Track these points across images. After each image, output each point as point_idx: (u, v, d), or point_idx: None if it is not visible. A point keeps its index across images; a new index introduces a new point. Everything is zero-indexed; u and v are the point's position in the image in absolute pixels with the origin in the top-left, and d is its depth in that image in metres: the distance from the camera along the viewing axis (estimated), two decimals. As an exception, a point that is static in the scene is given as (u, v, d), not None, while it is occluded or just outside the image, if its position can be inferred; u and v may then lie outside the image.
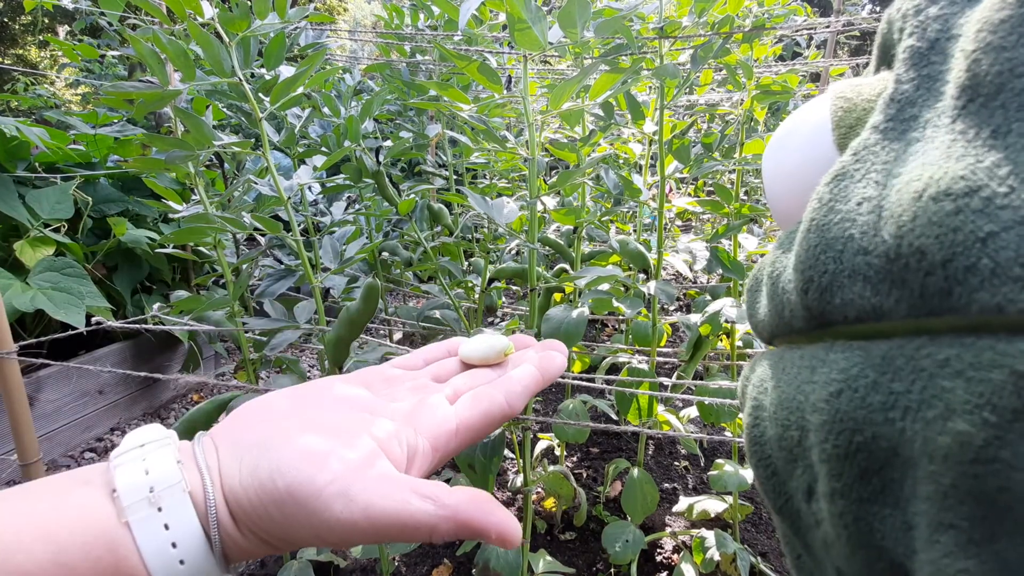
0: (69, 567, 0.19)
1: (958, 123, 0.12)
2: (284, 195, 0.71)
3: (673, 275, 2.42)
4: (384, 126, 1.40)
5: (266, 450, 0.22)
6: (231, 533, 0.22)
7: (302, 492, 0.21)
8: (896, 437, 0.12)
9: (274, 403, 0.26)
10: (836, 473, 0.14)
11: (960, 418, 0.11)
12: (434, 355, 0.33)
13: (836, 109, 0.18)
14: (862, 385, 0.13)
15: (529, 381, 0.29)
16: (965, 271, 0.11)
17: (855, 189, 0.14)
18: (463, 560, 1.12)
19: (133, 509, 0.20)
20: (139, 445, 0.23)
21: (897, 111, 0.15)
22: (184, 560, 0.21)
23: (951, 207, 0.11)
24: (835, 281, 0.14)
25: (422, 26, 1.01)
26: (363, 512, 0.21)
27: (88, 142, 1.66)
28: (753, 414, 0.18)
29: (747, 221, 0.94)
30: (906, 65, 0.15)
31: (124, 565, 0.20)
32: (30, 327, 1.56)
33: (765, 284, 0.18)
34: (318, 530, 0.22)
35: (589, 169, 0.82)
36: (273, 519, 0.22)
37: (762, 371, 0.18)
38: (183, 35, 0.84)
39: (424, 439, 0.26)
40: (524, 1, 0.52)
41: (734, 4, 0.79)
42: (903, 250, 0.12)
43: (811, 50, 1.80)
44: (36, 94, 2.74)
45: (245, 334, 0.90)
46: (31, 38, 7.68)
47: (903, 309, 0.12)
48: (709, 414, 0.94)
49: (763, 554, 1.17)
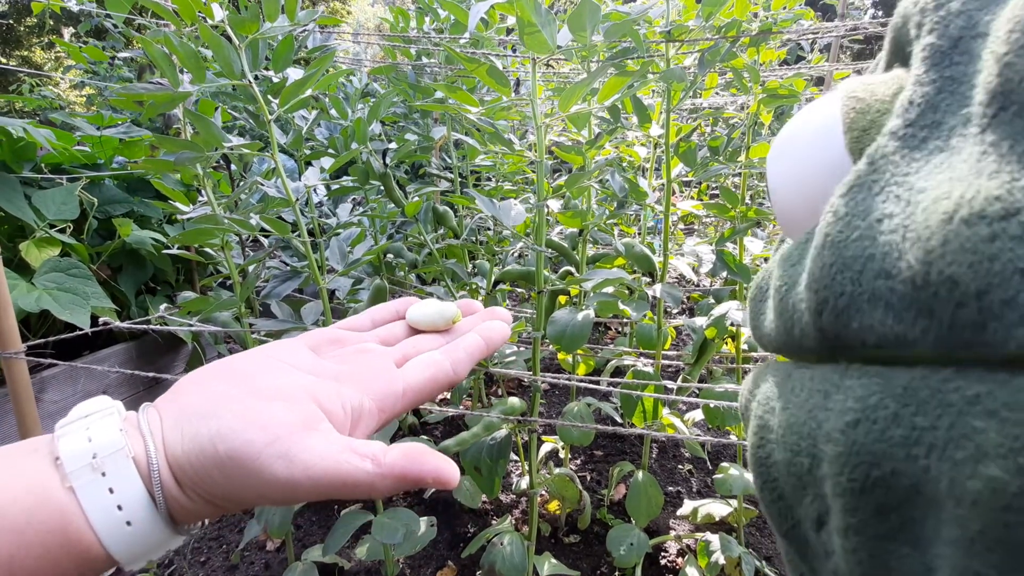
0: (15, 531, 0.20)
1: (988, 133, 0.12)
2: (292, 197, 0.71)
3: (677, 278, 2.42)
4: (389, 128, 1.41)
5: (207, 417, 0.23)
6: (176, 496, 0.23)
7: (242, 455, 0.22)
8: (919, 475, 0.12)
9: (219, 370, 0.26)
10: (851, 508, 0.13)
11: (993, 462, 0.10)
12: (382, 316, 0.34)
13: (848, 110, 0.17)
14: (881, 417, 0.12)
15: (474, 350, 0.30)
16: (1002, 305, 0.10)
17: (875, 204, 0.13)
18: (468, 562, 1.11)
19: (76, 475, 0.21)
20: (84, 416, 0.23)
21: (917, 115, 0.14)
22: (131, 522, 0.22)
23: (986, 232, 0.10)
24: (853, 304, 0.13)
25: (428, 29, 1.01)
26: (304, 472, 0.22)
27: (94, 143, 1.67)
28: (759, 434, 0.17)
29: (752, 224, 0.94)
30: (926, 65, 0.14)
31: (71, 529, 0.21)
32: (35, 327, 1.56)
33: (772, 297, 0.17)
34: (260, 490, 0.23)
35: (596, 172, 0.82)
36: (216, 482, 0.23)
37: (768, 388, 0.17)
38: (192, 37, 0.85)
39: (371, 400, 0.27)
40: (534, 5, 0.52)
41: (740, 8, 0.79)
42: (932, 278, 0.11)
43: (815, 54, 1.80)
44: (41, 95, 2.75)
45: (252, 335, 0.90)
46: (36, 40, 7.72)
47: (930, 341, 0.12)
48: (714, 417, 0.94)
49: (768, 558, 1.17)
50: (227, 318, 0.88)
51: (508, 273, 0.88)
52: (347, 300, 0.97)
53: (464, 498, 1.13)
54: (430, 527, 0.91)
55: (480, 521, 1.26)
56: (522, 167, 1.03)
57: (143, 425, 0.23)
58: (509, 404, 0.76)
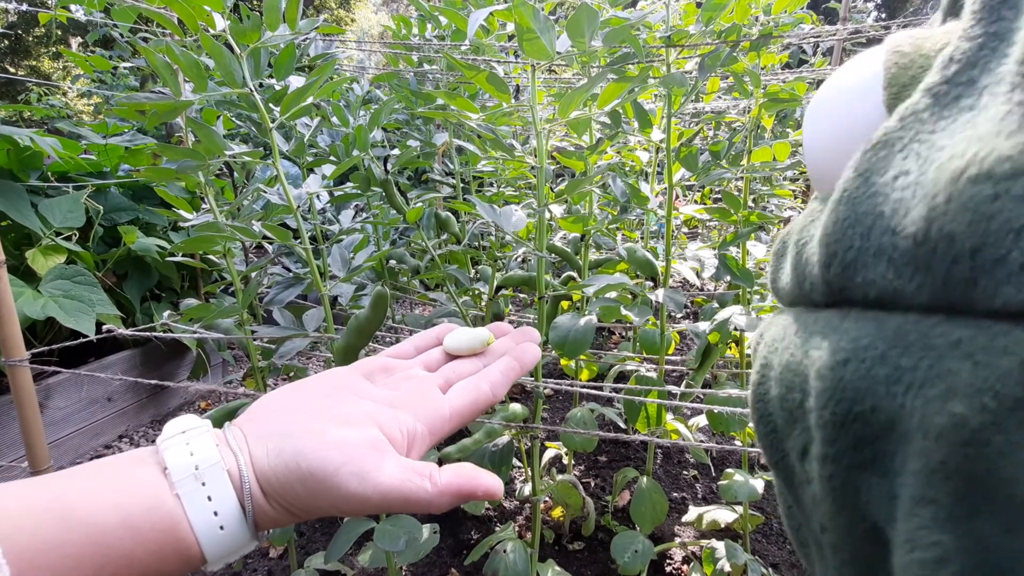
0: (135, 528, 0.23)
1: (1017, 92, 0.11)
2: (294, 204, 0.72)
3: (680, 282, 2.41)
4: (391, 135, 1.41)
5: (288, 437, 0.27)
6: (262, 505, 0.26)
7: (321, 472, 0.26)
8: (895, 411, 0.12)
9: (289, 396, 0.30)
10: (830, 439, 0.14)
11: (960, 400, 0.11)
12: (425, 343, 0.37)
13: (890, 65, 0.16)
14: (870, 356, 0.13)
15: (510, 371, 0.34)
16: (994, 263, 0.11)
17: (895, 161, 0.13)
18: (471, 569, 1.11)
19: (182, 484, 0.25)
20: (181, 431, 0.27)
21: (955, 72, 0.13)
22: (224, 527, 0.25)
23: (990, 191, 0.11)
24: (859, 259, 0.14)
25: (429, 36, 1.02)
26: (374, 489, 0.26)
27: (99, 152, 1.68)
28: (760, 372, 0.18)
29: (755, 228, 0.93)
30: (974, 19, 0.13)
31: (177, 529, 0.24)
32: (40, 334, 1.57)
33: (790, 251, 0.18)
34: (336, 502, 0.26)
35: (597, 177, 0.82)
36: (297, 493, 0.26)
37: (776, 331, 0.18)
38: (194, 47, 0.85)
39: (422, 424, 0.30)
40: (533, 11, 0.53)
41: (741, 12, 0.79)
42: (932, 234, 0.12)
43: (817, 57, 1.80)
44: (49, 104, 2.78)
45: (254, 342, 0.90)
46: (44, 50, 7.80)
47: (924, 296, 0.12)
48: (719, 423, 0.93)
49: (774, 565, 1.15)
50: (230, 325, 0.88)
51: (510, 279, 0.88)
52: (349, 306, 0.97)
53: (467, 505, 1.13)
54: (433, 534, 0.91)
55: (483, 528, 1.26)
56: (524, 172, 1.03)
57: (232, 442, 0.27)
58: (511, 410, 0.76)
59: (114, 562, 0.23)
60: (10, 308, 0.79)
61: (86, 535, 0.22)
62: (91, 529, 0.22)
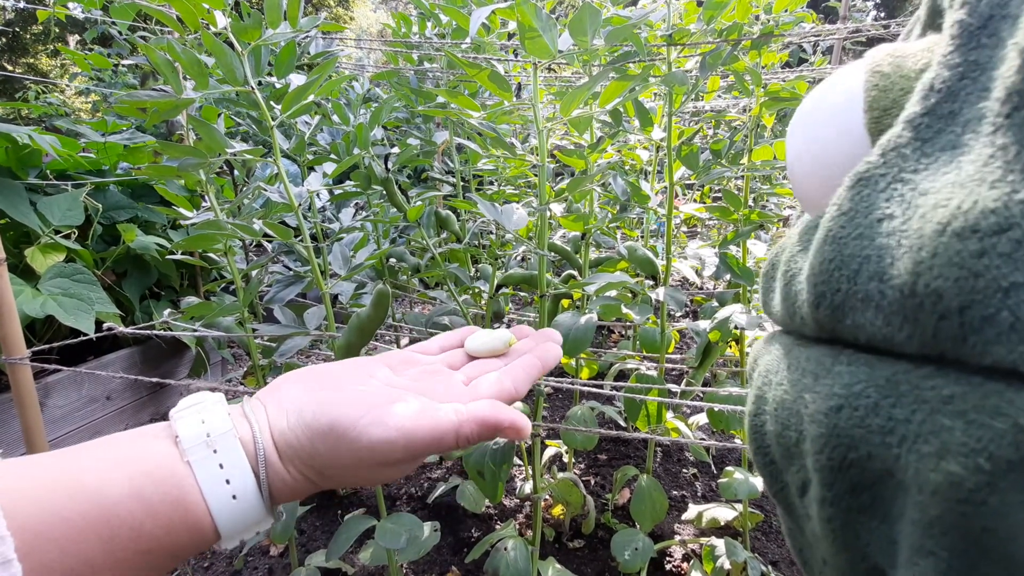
0: (145, 499, 0.23)
1: (999, 135, 0.11)
2: (295, 202, 0.72)
3: (680, 281, 2.41)
4: (391, 133, 1.41)
5: (308, 398, 0.27)
6: (279, 471, 0.26)
7: (342, 423, 0.26)
8: (891, 461, 0.12)
9: (311, 373, 0.30)
10: (827, 483, 0.14)
11: (954, 459, 0.11)
12: (449, 342, 0.37)
13: (870, 87, 0.16)
14: (863, 405, 0.13)
15: (532, 368, 0.34)
16: (982, 321, 0.10)
17: (878, 202, 0.13)
18: (471, 567, 1.11)
19: (192, 451, 0.25)
20: (194, 404, 0.27)
21: (936, 103, 0.13)
22: (236, 495, 0.25)
23: (975, 247, 0.10)
24: (847, 302, 0.14)
25: (430, 34, 1.01)
26: (397, 430, 0.26)
27: (98, 150, 1.68)
28: (756, 403, 0.18)
29: (756, 227, 0.93)
30: (953, 45, 0.13)
31: (187, 498, 0.24)
32: (40, 333, 1.57)
33: (779, 280, 0.18)
34: (359, 454, 0.26)
35: (598, 175, 0.82)
36: (318, 451, 0.26)
37: (769, 361, 0.18)
38: (195, 44, 0.85)
39: None
40: (535, 10, 0.53)
41: (742, 11, 0.79)
42: (918, 289, 0.11)
43: (817, 56, 1.80)
44: (47, 102, 2.77)
45: (255, 340, 0.90)
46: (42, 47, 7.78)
47: (914, 345, 0.12)
48: (719, 421, 0.94)
49: (774, 563, 1.16)
50: (230, 323, 0.88)
51: (511, 277, 0.88)
52: (350, 305, 0.97)
53: (468, 503, 1.13)
54: (434, 532, 0.91)
55: (484, 526, 1.26)
56: (524, 171, 1.03)
57: (248, 412, 0.27)
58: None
59: (122, 536, 0.22)
60: (10, 306, 0.79)
61: (94, 504, 0.22)
62: (99, 498, 0.22)
